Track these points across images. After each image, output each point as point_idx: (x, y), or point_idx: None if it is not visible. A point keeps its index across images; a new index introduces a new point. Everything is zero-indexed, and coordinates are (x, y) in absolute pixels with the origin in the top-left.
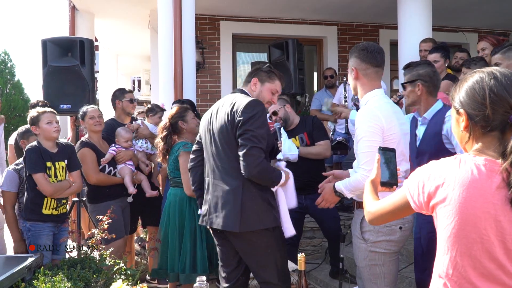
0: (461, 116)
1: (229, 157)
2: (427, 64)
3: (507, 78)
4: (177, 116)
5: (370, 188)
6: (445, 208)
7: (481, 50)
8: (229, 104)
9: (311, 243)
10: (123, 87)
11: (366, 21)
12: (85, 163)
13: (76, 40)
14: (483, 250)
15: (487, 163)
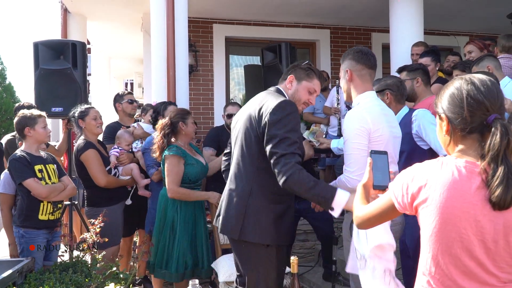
0: (443, 121)
1: (246, 160)
2: (393, 76)
3: (484, 83)
4: (179, 116)
5: (361, 192)
6: (427, 208)
7: (468, 53)
8: (258, 102)
9: (304, 245)
10: (122, 90)
11: (359, 25)
12: (92, 165)
13: (68, 42)
14: (463, 249)
15: (467, 164)
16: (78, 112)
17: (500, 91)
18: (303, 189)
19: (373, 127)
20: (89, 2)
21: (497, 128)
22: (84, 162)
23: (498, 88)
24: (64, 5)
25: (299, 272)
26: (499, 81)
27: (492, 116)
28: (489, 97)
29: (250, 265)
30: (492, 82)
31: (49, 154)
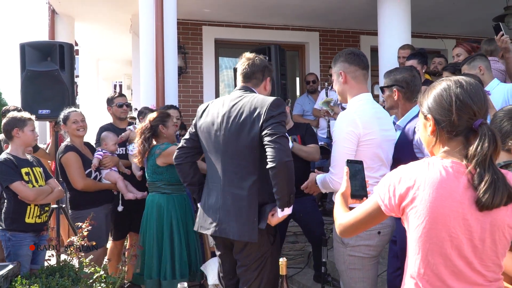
0: (428, 121)
1: (246, 160)
2: (406, 69)
3: (472, 86)
4: (159, 120)
5: (341, 201)
6: (416, 208)
7: (456, 56)
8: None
9: (294, 247)
10: (113, 92)
11: (347, 27)
12: (71, 168)
13: (56, 44)
14: (453, 248)
15: (454, 165)
16: (62, 117)
17: (486, 96)
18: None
19: (363, 131)
20: (77, 3)
21: (484, 134)
22: (63, 164)
23: (484, 92)
24: (52, 6)
25: (288, 274)
26: (489, 83)
27: (478, 121)
28: (477, 101)
29: (260, 265)
30: (479, 86)
31: (34, 157)
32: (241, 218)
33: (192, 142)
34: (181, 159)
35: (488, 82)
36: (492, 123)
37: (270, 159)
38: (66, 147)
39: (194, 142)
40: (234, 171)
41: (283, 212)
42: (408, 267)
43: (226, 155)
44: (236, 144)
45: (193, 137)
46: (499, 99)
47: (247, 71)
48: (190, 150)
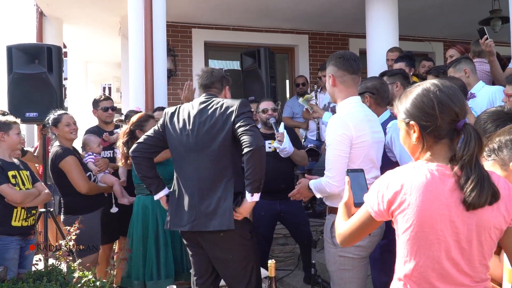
0: (411, 128)
1: (221, 156)
2: (376, 78)
3: (449, 88)
4: (136, 125)
5: (343, 211)
6: (403, 212)
7: (450, 57)
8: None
9: (283, 249)
10: (100, 94)
11: (336, 30)
12: (73, 172)
13: (44, 46)
14: (440, 251)
15: (439, 168)
16: (51, 119)
17: (463, 95)
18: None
19: (356, 133)
20: (65, 6)
21: (470, 133)
22: (64, 169)
23: (462, 94)
24: (40, 8)
25: (279, 276)
26: (474, 85)
27: (462, 122)
28: (457, 102)
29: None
30: (456, 88)
31: (21, 161)
32: (219, 210)
33: (155, 140)
34: (139, 152)
35: (473, 84)
36: (476, 125)
37: (247, 144)
38: (64, 150)
39: (156, 141)
40: (209, 167)
41: (253, 198)
42: (397, 269)
43: (200, 153)
44: (210, 141)
45: (158, 136)
46: (484, 101)
47: (206, 82)
48: (150, 147)
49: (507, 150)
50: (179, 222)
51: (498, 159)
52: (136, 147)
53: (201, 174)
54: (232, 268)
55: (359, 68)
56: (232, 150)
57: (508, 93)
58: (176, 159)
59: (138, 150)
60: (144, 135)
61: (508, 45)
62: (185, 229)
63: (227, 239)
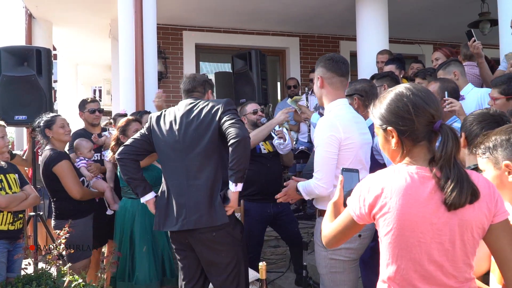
0: (389, 134)
1: (208, 153)
2: (365, 80)
3: (422, 91)
4: (120, 131)
5: (331, 210)
6: (384, 216)
7: (435, 60)
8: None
9: (275, 252)
10: (87, 97)
11: (327, 33)
12: (67, 177)
13: (33, 49)
14: (422, 253)
15: (419, 170)
16: (44, 121)
17: (436, 96)
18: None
19: (344, 135)
20: (55, 8)
21: (447, 134)
22: (57, 173)
23: (435, 95)
24: (29, 10)
25: (270, 278)
26: (463, 87)
27: (438, 123)
28: (432, 104)
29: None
30: (429, 91)
31: (10, 163)
32: (209, 207)
33: (141, 143)
34: (126, 154)
35: (462, 86)
36: (463, 127)
37: (232, 136)
38: (58, 154)
39: (143, 143)
40: (197, 165)
41: (236, 188)
42: (380, 272)
43: (187, 151)
44: (198, 139)
45: (144, 139)
46: (473, 104)
47: (189, 87)
48: (136, 149)
49: (502, 150)
50: (169, 223)
51: (492, 157)
52: (122, 150)
53: (189, 172)
54: (222, 270)
55: (348, 71)
56: (220, 147)
57: (493, 97)
58: (164, 160)
59: (124, 152)
60: (131, 138)
61: (497, 48)
62: (175, 229)
63: (218, 239)
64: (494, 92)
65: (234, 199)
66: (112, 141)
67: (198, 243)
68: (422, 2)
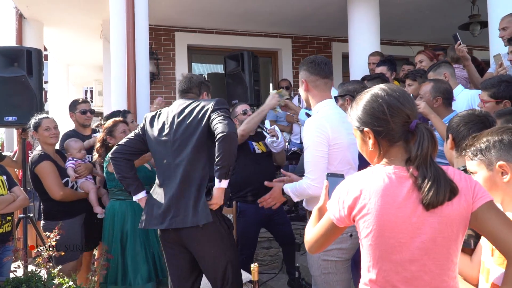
0: (366, 135)
1: (198, 153)
2: (357, 82)
3: (396, 91)
4: (106, 131)
5: (315, 215)
6: (364, 218)
7: (419, 63)
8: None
9: (268, 253)
10: (77, 98)
11: (319, 34)
12: (47, 178)
13: (23, 49)
14: (403, 254)
15: (396, 170)
16: (32, 123)
17: (411, 96)
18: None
19: (332, 135)
20: (46, 8)
21: (423, 133)
22: (38, 174)
23: (410, 95)
24: (19, 10)
25: (263, 280)
26: (453, 89)
27: (414, 122)
28: (407, 104)
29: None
30: (404, 91)
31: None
32: (196, 206)
33: (135, 142)
34: (119, 154)
35: (452, 88)
36: (449, 129)
37: (220, 131)
38: (40, 156)
39: (137, 143)
40: (187, 164)
41: (220, 184)
42: (362, 274)
43: (178, 151)
44: (187, 138)
45: (138, 138)
46: (463, 105)
47: (184, 87)
48: (130, 148)
49: (495, 151)
50: (156, 221)
51: (484, 159)
52: (116, 149)
53: (178, 172)
54: (211, 265)
55: (331, 72)
56: (209, 147)
57: (483, 99)
58: (157, 160)
59: (118, 151)
60: (125, 138)
61: (487, 50)
62: (163, 227)
63: (205, 236)
64: (484, 95)
65: (217, 195)
66: (97, 142)
67: (187, 238)
68: (413, 4)
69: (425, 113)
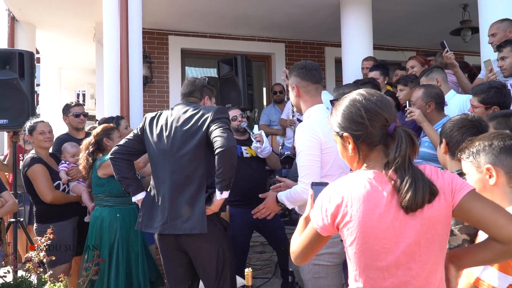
0: (346, 140)
1: (195, 160)
2: (353, 86)
3: (374, 95)
4: (103, 134)
5: (302, 225)
6: (347, 225)
7: (411, 68)
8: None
9: (261, 257)
10: (71, 101)
11: (313, 39)
12: (39, 181)
13: (15, 52)
14: (388, 259)
15: (376, 175)
16: (28, 126)
17: (390, 100)
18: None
19: (324, 139)
20: (38, 11)
21: (401, 136)
22: (30, 177)
23: (388, 98)
24: (12, 13)
25: (256, 284)
26: (445, 94)
27: (392, 126)
28: (384, 108)
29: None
30: (382, 95)
31: None
32: (191, 213)
33: (134, 143)
34: (118, 154)
35: (445, 93)
36: (442, 134)
37: (218, 145)
38: (32, 159)
39: (136, 143)
40: (183, 170)
41: (222, 195)
42: (350, 284)
43: (174, 156)
44: (184, 145)
45: (136, 139)
46: (455, 110)
47: (186, 91)
48: (129, 149)
49: (484, 154)
50: (150, 224)
51: (475, 161)
52: (115, 149)
53: (174, 177)
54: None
55: (321, 77)
56: (206, 154)
57: (473, 104)
58: (153, 163)
59: (117, 151)
60: (125, 138)
61: (478, 55)
62: (157, 231)
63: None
64: (474, 100)
65: (217, 204)
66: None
67: (184, 244)
68: (405, 9)
69: (419, 120)
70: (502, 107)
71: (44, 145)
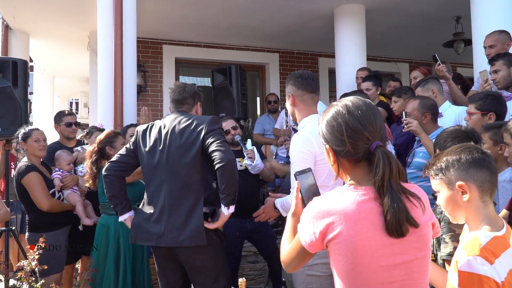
0: (327, 152)
1: (191, 172)
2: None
3: (359, 109)
4: (105, 141)
5: (291, 224)
6: (338, 245)
7: (413, 79)
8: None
9: (254, 267)
10: (63, 109)
11: (306, 50)
12: (35, 189)
13: (9, 60)
14: (378, 277)
15: (365, 192)
16: (21, 134)
17: (377, 114)
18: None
19: (319, 150)
20: (32, 19)
21: (379, 158)
22: (25, 185)
23: (375, 112)
24: (6, 21)
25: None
26: (441, 104)
27: (374, 144)
28: (367, 125)
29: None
30: (368, 106)
31: None
32: (189, 225)
33: (127, 158)
34: (112, 171)
35: (440, 104)
36: (436, 144)
37: (218, 160)
38: (27, 167)
39: (129, 158)
40: (179, 182)
41: (229, 210)
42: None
43: (170, 168)
44: (180, 157)
45: (130, 153)
46: (451, 121)
47: (179, 97)
48: (122, 165)
49: (454, 170)
50: (144, 236)
51: (445, 178)
52: (109, 166)
53: (171, 189)
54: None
55: (318, 87)
56: (203, 165)
57: (469, 111)
58: (146, 176)
59: (111, 168)
60: (117, 154)
61: (471, 67)
62: (152, 244)
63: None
64: (471, 107)
65: (222, 220)
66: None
67: (180, 254)
68: (398, 21)
69: (417, 131)
70: (498, 114)
71: (38, 153)
